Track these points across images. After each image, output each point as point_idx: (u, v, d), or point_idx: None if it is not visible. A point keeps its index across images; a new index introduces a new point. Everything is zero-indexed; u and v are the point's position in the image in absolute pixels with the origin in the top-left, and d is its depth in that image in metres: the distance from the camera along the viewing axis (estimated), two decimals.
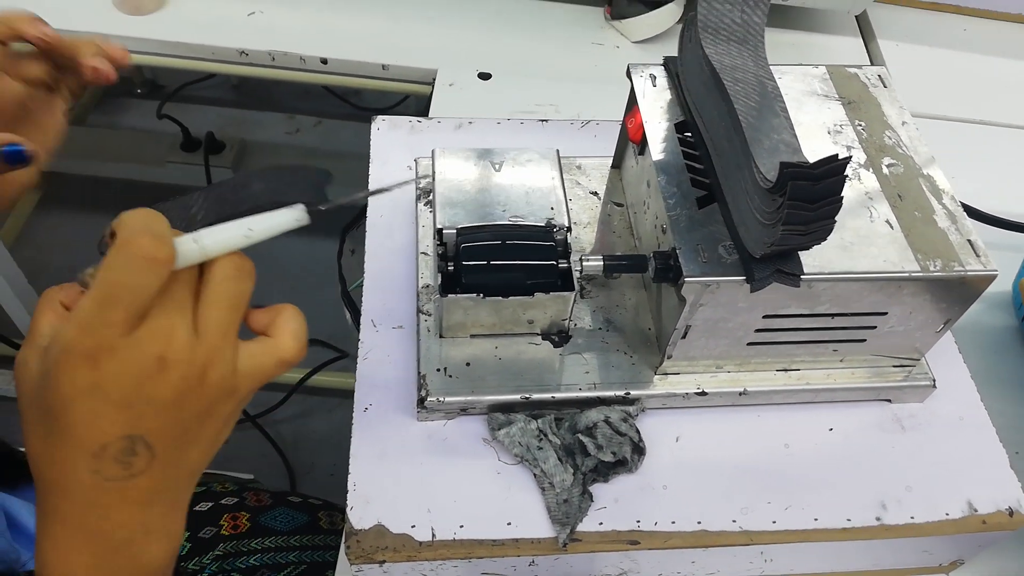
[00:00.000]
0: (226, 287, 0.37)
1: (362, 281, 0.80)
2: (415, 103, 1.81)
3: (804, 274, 0.49)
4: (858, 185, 0.56)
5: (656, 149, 0.57)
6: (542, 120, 0.76)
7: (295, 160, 1.85)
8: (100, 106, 1.94)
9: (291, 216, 0.41)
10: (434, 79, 0.94)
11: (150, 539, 0.37)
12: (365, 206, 0.70)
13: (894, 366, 0.60)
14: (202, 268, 0.38)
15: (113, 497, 0.35)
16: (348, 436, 1.79)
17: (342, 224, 1.03)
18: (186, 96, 2.05)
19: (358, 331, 0.87)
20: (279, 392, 1.49)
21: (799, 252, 0.50)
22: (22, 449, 0.61)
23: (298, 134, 2.00)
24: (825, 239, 0.46)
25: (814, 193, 0.43)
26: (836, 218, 0.45)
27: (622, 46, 1.01)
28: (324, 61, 0.96)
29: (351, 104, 2.04)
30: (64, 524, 0.35)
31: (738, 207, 0.50)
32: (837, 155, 0.43)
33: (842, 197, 0.44)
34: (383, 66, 0.96)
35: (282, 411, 1.50)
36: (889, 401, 0.61)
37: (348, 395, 1.74)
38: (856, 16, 1.09)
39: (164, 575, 0.39)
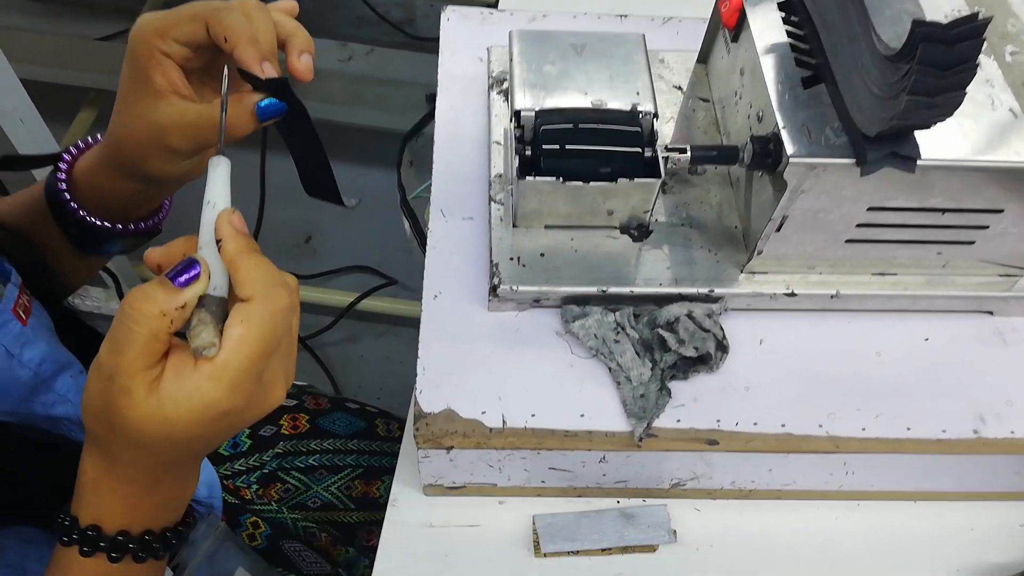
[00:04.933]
0: None
1: (425, 187, 0.78)
2: None
3: (921, 158, 0.45)
4: (979, 72, 0.51)
5: (757, 29, 0.52)
6: (620, 16, 0.72)
7: (346, 87, 1.82)
8: None
9: (222, 169, 0.41)
10: None
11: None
12: (434, 96, 0.67)
13: (1000, 275, 0.55)
14: None
15: None
16: (396, 361, 1.77)
17: (398, 139, 1.01)
18: None
19: (418, 241, 0.85)
20: (328, 316, 1.49)
21: (916, 133, 0.46)
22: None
23: (350, 62, 1.97)
24: (951, 115, 0.42)
25: (948, 57, 0.39)
26: (968, 90, 0.41)
27: None
28: None
29: (405, 32, 2.00)
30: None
31: (850, 83, 0.46)
32: (976, 13, 0.38)
33: (977, 64, 0.40)
34: None
35: (330, 334, 1.51)
36: (991, 313, 0.57)
37: (396, 321, 1.72)
38: None
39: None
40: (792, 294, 0.54)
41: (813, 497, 0.58)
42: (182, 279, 0.37)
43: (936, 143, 0.47)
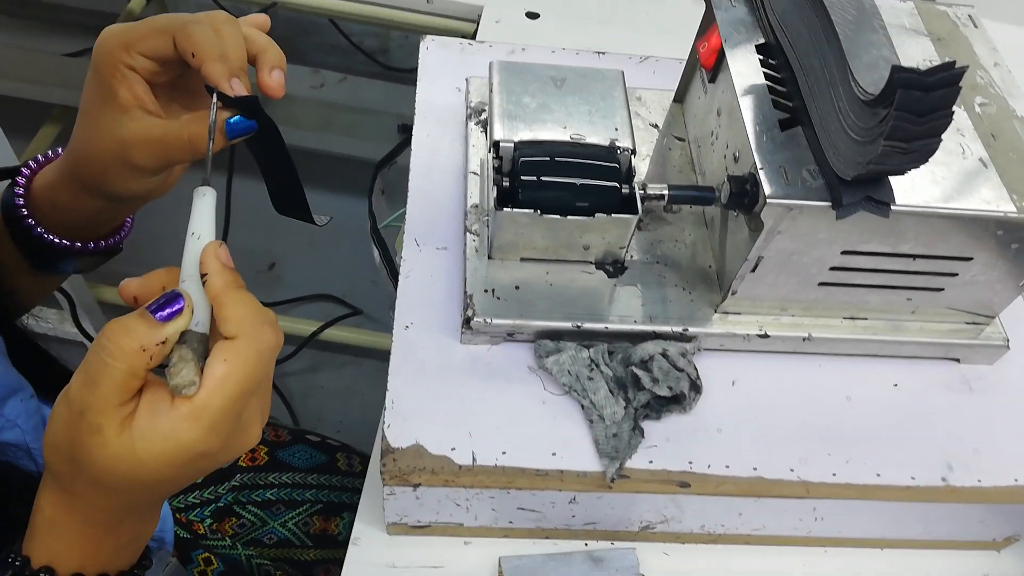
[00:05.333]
0: None
1: (396, 216, 0.77)
2: None
3: (895, 203, 0.45)
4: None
5: (736, 70, 0.53)
6: (599, 52, 0.72)
7: (318, 113, 1.81)
8: None
9: (208, 199, 0.40)
10: (479, 16, 0.91)
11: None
12: (410, 127, 0.67)
13: (967, 323, 0.56)
14: None
15: None
16: (357, 392, 1.73)
17: (368, 170, 0.99)
18: None
19: (387, 270, 0.84)
20: (289, 345, 1.46)
21: (891, 179, 0.46)
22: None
23: (322, 89, 1.96)
24: (926, 161, 0.43)
25: (925, 104, 0.40)
26: (942, 137, 0.41)
27: None
28: None
29: (377, 62, 2.00)
30: None
31: (827, 127, 0.46)
32: (954, 62, 0.39)
33: (953, 112, 0.40)
34: None
35: (291, 364, 1.47)
36: (958, 361, 0.57)
37: (359, 352, 1.69)
38: None
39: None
40: (765, 335, 0.54)
41: (782, 543, 0.57)
42: (164, 313, 0.36)
43: (910, 189, 0.47)
